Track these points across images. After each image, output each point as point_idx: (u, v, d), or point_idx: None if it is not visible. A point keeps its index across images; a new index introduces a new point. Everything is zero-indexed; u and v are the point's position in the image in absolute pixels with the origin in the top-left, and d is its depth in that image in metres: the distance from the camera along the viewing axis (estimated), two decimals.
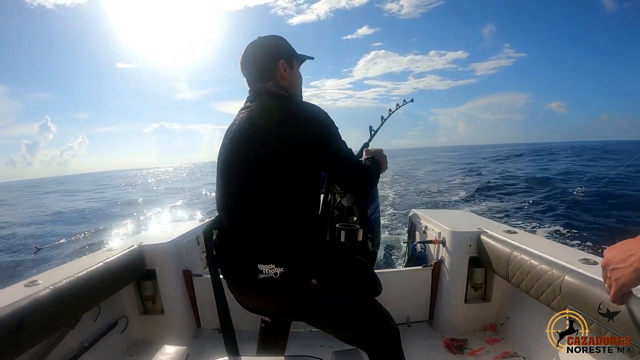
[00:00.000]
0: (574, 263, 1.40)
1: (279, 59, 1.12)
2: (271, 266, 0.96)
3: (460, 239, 2.02)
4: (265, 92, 1.11)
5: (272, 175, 0.99)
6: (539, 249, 1.61)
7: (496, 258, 1.81)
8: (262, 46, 1.16)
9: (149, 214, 14.80)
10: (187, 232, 2.27)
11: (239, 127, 1.07)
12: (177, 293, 2.05)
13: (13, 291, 1.38)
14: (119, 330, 1.90)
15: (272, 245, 0.99)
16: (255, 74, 1.14)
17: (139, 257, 1.94)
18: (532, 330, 1.74)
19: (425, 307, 2.14)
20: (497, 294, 2.03)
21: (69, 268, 1.65)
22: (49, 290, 1.38)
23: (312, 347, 1.83)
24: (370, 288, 1.17)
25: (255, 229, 1.01)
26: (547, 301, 1.43)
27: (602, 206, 9.50)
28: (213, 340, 2.02)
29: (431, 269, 2.10)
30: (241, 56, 1.17)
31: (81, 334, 1.65)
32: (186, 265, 2.12)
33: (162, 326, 2.03)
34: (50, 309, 1.34)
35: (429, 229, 2.41)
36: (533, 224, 8.02)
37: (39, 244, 9.91)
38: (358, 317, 1.15)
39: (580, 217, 8.46)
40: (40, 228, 13.85)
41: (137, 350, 1.94)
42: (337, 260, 1.11)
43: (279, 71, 1.12)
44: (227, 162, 1.08)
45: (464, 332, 1.98)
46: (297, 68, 1.20)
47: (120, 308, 1.96)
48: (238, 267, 1.03)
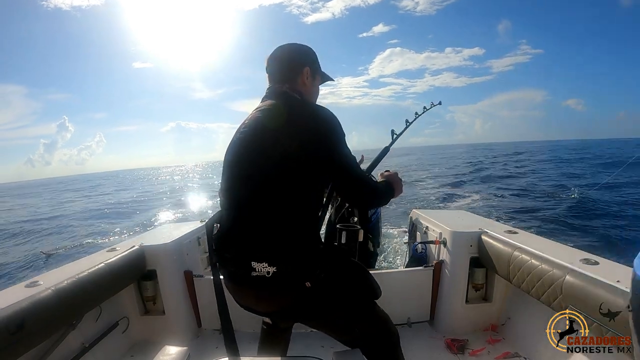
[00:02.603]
0: (575, 263, 1.40)
1: (305, 66, 1.15)
2: (264, 265, 0.95)
3: (461, 239, 2.02)
4: (280, 94, 1.12)
5: (274, 176, 0.99)
6: (540, 249, 1.61)
7: (497, 258, 1.80)
8: (294, 50, 1.18)
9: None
10: (188, 233, 2.27)
11: (248, 126, 1.08)
12: (178, 293, 2.05)
13: (14, 292, 1.39)
14: (120, 330, 1.90)
15: (267, 244, 0.98)
16: (278, 74, 1.16)
17: (140, 257, 1.94)
18: (533, 330, 1.73)
19: (426, 308, 2.14)
20: (498, 294, 2.03)
21: (70, 269, 1.66)
22: (50, 290, 1.38)
23: (313, 348, 1.83)
24: (368, 292, 1.16)
25: (252, 226, 1.01)
26: (548, 301, 1.42)
27: (600, 207, 9.53)
28: (214, 341, 2.02)
29: (432, 270, 2.10)
30: (270, 54, 1.18)
31: (82, 335, 1.65)
32: (187, 265, 2.12)
33: (163, 326, 2.03)
34: (51, 310, 1.34)
35: (429, 230, 2.41)
36: (533, 224, 8.01)
37: (49, 250, 9.70)
38: (354, 321, 1.16)
39: (579, 218, 8.46)
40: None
41: (138, 350, 1.94)
42: (333, 264, 1.10)
43: (301, 77, 1.14)
44: (233, 159, 1.09)
45: (465, 333, 1.98)
46: (318, 82, 1.21)
47: (121, 308, 1.96)
48: (233, 263, 1.03)
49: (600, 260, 1.43)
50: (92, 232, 11.90)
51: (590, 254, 1.51)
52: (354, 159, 1.09)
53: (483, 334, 1.97)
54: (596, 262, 1.40)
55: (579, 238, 6.75)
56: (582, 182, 13.96)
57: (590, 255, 1.50)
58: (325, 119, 1.04)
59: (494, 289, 2.02)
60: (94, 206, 20.72)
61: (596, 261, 1.41)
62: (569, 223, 7.91)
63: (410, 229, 2.81)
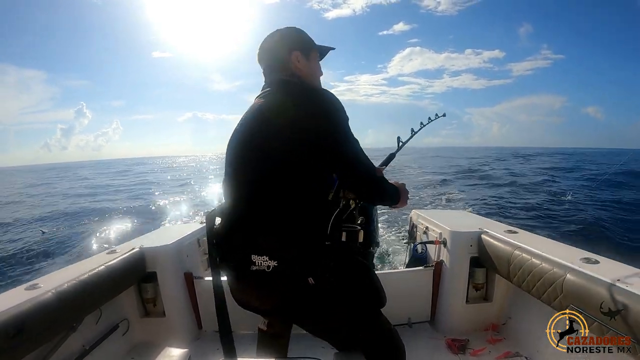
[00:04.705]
0: (575, 262, 1.40)
1: (293, 51, 1.11)
2: (264, 258, 0.93)
3: (461, 239, 2.02)
4: (278, 82, 1.10)
5: (277, 167, 0.96)
6: (540, 248, 1.61)
7: (497, 258, 1.80)
8: (276, 38, 1.15)
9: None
10: (188, 235, 2.27)
11: (248, 116, 1.07)
12: (179, 295, 2.05)
13: (13, 295, 1.39)
14: (120, 333, 1.90)
15: (268, 237, 0.95)
16: (270, 66, 1.14)
17: (140, 259, 1.94)
18: (534, 329, 1.73)
19: (427, 308, 2.14)
20: (498, 294, 2.03)
21: (70, 271, 1.66)
22: (50, 293, 1.38)
23: (313, 349, 1.82)
24: (374, 298, 1.11)
25: (254, 218, 0.98)
26: (549, 301, 1.42)
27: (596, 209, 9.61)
28: (215, 342, 2.01)
29: (432, 270, 2.10)
30: (260, 44, 1.16)
31: (82, 337, 1.65)
32: (187, 267, 2.12)
33: (163, 328, 2.03)
34: (51, 313, 1.34)
35: (429, 230, 2.41)
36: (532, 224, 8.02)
37: (46, 228, 10.23)
38: (356, 327, 1.09)
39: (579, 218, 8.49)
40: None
41: (138, 353, 1.94)
42: (340, 261, 1.05)
43: (292, 63, 1.11)
44: (235, 150, 1.07)
45: (466, 333, 1.98)
46: (314, 59, 1.17)
47: (121, 311, 1.96)
48: (232, 256, 1.01)
49: (601, 259, 1.43)
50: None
51: (590, 253, 1.51)
52: (358, 142, 1.03)
53: (484, 334, 1.96)
54: (596, 261, 1.40)
55: (579, 238, 6.76)
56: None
57: (591, 254, 1.50)
58: (326, 102, 1.00)
59: (495, 288, 2.02)
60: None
61: (596, 260, 1.41)
62: (566, 222, 7.94)
63: (410, 229, 2.81)
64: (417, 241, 2.59)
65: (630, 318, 1.08)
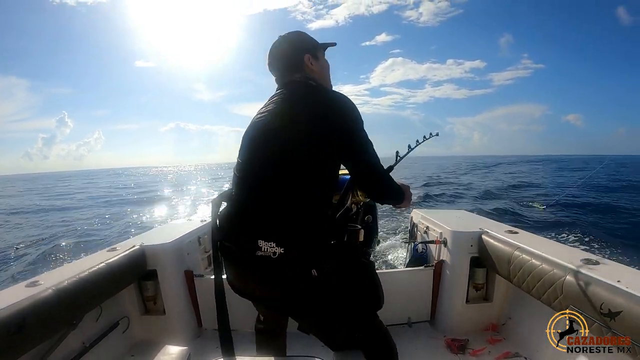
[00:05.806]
0: (575, 263, 1.40)
1: (304, 53, 1.15)
2: (272, 244, 0.93)
3: (462, 239, 2.02)
4: (294, 82, 1.14)
5: (293, 159, 0.99)
6: (541, 249, 1.61)
7: (497, 258, 1.80)
8: (287, 43, 1.18)
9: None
10: (188, 233, 2.27)
11: (270, 109, 1.09)
12: (179, 293, 2.05)
13: (14, 291, 1.39)
14: (120, 330, 1.90)
15: (277, 223, 0.96)
16: (283, 70, 1.17)
17: (141, 257, 1.94)
18: (533, 330, 1.73)
19: (427, 308, 2.14)
20: (498, 294, 2.03)
21: (70, 268, 1.66)
22: (50, 290, 1.38)
23: (313, 347, 1.82)
24: (373, 298, 1.15)
25: (266, 205, 0.99)
26: (549, 301, 1.42)
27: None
28: (214, 341, 2.01)
29: (432, 269, 2.10)
30: (267, 56, 1.20)
31: (83, 334, 1.65)
32: (187, 265, 2.13)
33: (163, 326, 2.03)
34: (52, 310, 1.34)
35: (430, 229, 2.41)
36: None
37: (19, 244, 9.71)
38: (353, 325, 1.13)
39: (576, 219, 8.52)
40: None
41: (138, 350, 1.95)
42: (343, 257, 1.09)
43: (305, 65, 1.15)
44: (253, 141, 1.09)
45: (466, 332, 1.98)
46: (322, 58, 1.21)
47: (121, 308, 1.96)
48: (237, 241, 1.01)
49: (601, 260, 1.43)
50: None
51: (590, 254, 1.51)
52: (372, 144, 1.08)
53: (483, 334, 1.96)
54: (597, 262, 1.39)
55: (579, 238, 6.76)
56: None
57: (591, 255, 1.50)
58: (342, 104, 1.05)
59: (495, 288, 2.02)
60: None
61: (597, 261, 1.41)
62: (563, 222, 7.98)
63: (411, 229, 2.82)
64: (417, 241, 2.59)
65: (629, 319, 1.08)
